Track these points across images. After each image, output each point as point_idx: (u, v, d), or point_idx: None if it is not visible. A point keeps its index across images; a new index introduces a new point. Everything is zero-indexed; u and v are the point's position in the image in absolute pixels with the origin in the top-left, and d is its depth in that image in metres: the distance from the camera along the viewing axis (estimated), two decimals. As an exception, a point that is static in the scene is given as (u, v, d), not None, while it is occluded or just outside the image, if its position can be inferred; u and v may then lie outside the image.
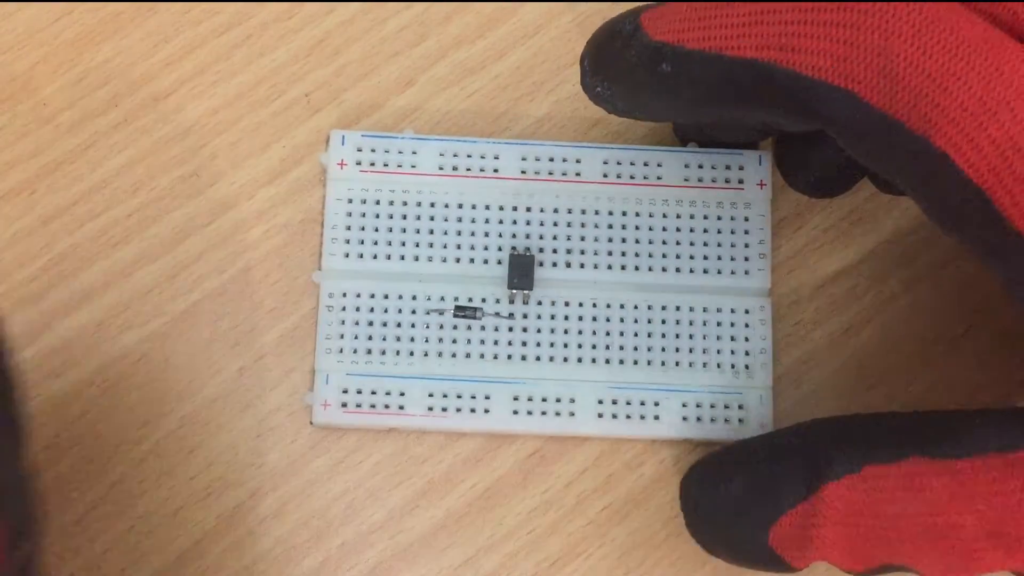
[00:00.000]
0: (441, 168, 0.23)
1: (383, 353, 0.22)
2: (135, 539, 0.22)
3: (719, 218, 0.23)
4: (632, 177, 0.23)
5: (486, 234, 0.23)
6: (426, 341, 0.22)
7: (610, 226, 0.23)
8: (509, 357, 0.22)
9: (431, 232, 0.23)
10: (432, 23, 0.24)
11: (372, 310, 0.22)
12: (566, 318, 0.22)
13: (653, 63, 0.18)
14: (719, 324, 0.22)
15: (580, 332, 0.22)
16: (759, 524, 0.18)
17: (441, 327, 0.22)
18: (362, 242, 0.22)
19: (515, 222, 0.23)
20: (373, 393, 0.22)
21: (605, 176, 0.23)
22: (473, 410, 0.22)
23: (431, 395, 0.22)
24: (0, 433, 0.14)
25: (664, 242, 0.23)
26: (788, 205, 0.24)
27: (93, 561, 0.22)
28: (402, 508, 0.22)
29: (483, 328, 0.22)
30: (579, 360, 0.22)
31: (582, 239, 0.23)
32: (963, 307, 0.23)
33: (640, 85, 0.18)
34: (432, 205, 0.23)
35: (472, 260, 0.22)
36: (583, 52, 0.20)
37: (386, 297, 0.22)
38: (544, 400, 0.22)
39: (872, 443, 0.18)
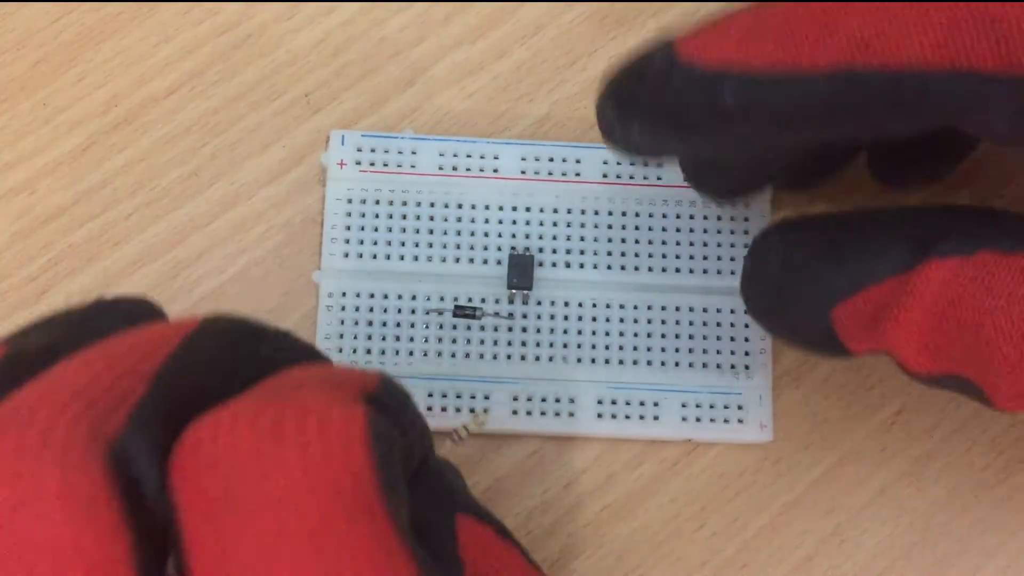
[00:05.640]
0: (441, 168, 0.23)
1: (383, 353, 0.22)
2: (135, 539, 0.22)
3: (719, 218, 0.23)
4: (632, 177, 0.23)
5: (486, 234, 0.23)
6: (426, 341, 0.22)
7: (610, 226, 0.23)
8: (509, 357, 0.22)
9: (431, 232, 0.23)
10: (432, 23, 0.24)
11: (372, 310, 0.22)
12: (565, 318, 0.22)
13: (710, 97, 0.15)
14: (719, 324, 0.22)
15: (580, 332, 0.22)
16: (829, 292, 0.16)
17: (441, 327, 0.22)
18: (362, 242, 0.22)
19: (515, 222, 0.23)
20: (373, 393, 0.22)
21: (605, 176, 0.23)
22: (473, 410, 0.22)
23: (431, 395, 0.22)
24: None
25: (664, 242, 0.23)
26: (788, 205, 0.24)
27: (93, 561, 0.22)
28: (402, 508, 0.22)
29: (483, 328, 0.22)
30: (579, 360, 0.22)
31: (582, 239, 0.23)
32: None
33: (692, 126, 0.15)
34: (432, 205, 0.23)
35: (472, 260, 0.22)
36: (600, 100, 0.17)
37: (386, 297, 0.22)
38: (544, 400, 0.22)
39: (993, 230, 0.15)
